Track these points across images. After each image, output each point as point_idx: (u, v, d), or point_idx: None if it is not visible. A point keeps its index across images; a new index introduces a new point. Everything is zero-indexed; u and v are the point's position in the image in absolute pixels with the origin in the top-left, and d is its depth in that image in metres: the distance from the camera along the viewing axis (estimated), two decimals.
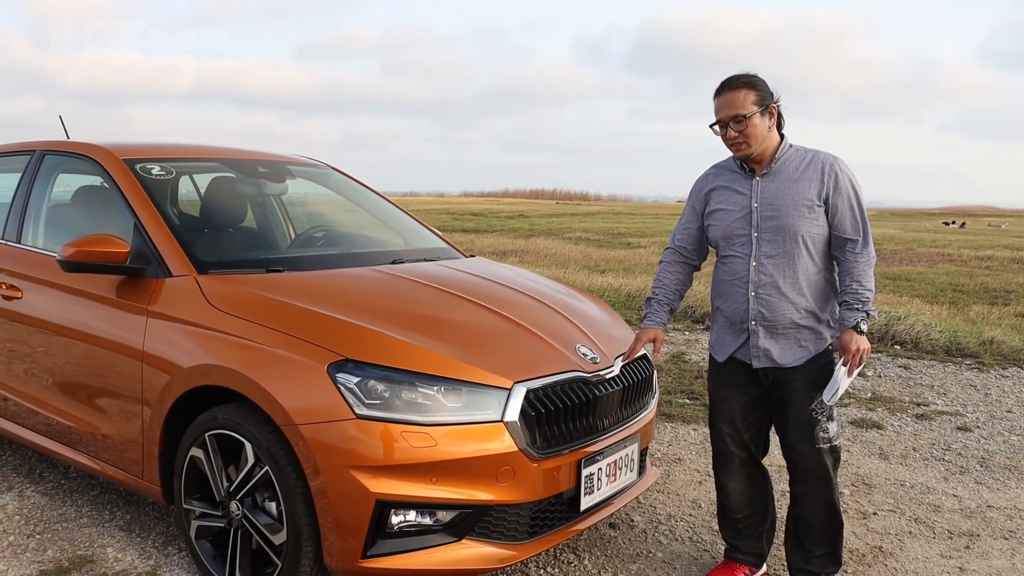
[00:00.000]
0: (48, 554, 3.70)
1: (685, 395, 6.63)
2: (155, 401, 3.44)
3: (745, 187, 3.37)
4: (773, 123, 3.30)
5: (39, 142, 4.64)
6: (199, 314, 3.39)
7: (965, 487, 4.85)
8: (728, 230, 3.40)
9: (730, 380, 3.50)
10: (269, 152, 5.05)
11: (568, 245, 21.87)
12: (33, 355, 4.08)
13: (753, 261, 3.34)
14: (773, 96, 3.30)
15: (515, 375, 3.15)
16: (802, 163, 3.31)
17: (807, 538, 3.47)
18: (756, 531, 3.63)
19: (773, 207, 3.30)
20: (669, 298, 3.63)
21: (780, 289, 3.30)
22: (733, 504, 3.61)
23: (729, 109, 3.26)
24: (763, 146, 3.30)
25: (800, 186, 3.27)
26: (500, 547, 3.11)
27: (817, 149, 3.35)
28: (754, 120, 3.24)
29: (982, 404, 6.65)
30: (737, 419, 3.50)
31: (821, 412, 3.31)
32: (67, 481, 4.57)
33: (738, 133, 3.26)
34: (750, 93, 3.24)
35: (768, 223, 3.30)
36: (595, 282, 12.31)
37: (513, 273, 4.46)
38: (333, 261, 4.09)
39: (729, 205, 3.41)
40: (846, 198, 3.26)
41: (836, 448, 3.38)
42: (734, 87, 3.26)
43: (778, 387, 3.38)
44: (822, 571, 3.48)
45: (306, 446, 2.95)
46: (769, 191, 3.31)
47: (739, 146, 3.30)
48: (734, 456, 3.55)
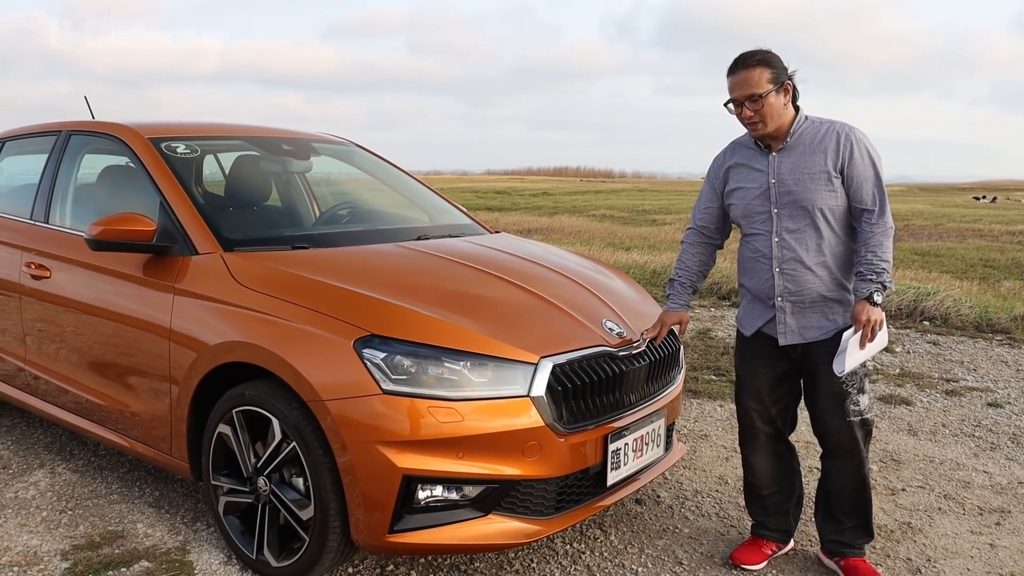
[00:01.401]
0: (80, 529, 3.75)
1: (711, 371, 6.61)
2: (183, 378, 3.46)
3: (762, 164, 3.35)
4: (788, 99, 3.26)
5: (65, 122, 4.66)
6: (225, 291, 3.40)
7: (996, 463, 4.80)
8: (748, 208, 3.39)
9: (758, 355, 3.48)
10: (293, 130, 5.05)
11: (592, 222, 21.80)
12: (62, 334, 4.11)
13: (775, 237, 3.32)
14: (787, 71, 3.26)
15: (541, 350, 3.14)
16: (817, 135, 3.27)
17: (839, 510, 3.46)
18: (783, 508, 3.61)
19: (791, 182, 3.27)
20: (691, 279, 3.63)
21: (804, 263, 3.28)
22: (759, 481, 3.59)
23: (744, 88, 3.22)
24: (779, 123, 3.26)
25: (816, 158, 3.24)
26: (526, 522, 3.11)
27: (832, 119, 3.31)
28: (769, 99, 3.20)
29: (1013, 380, 6.58)
30: (764, 394, 3.48)
31: (851, 385, 3.29)
32: (97, 458, 4.61)
33: (754, 112, 3.23)
34: (765, 71, 3.20)
35: (787, 198, 3.28)
36: (620, 259, 12.27)
37: (539, 249, 4.44)
38: (358, 238, 4.10)
39: (748, 183, 3.39)
40: (862, 167, 3.22)
41: (867, 421, 3.36)
42: (748, 65, 3.22)
43: (807, 361, 3.35)
44: (855, 542, 3.47)
45: (333, 422, 2.96)
46: (786, 166, 3.29)
47: (755, 125, 3.27)
48: (760, 432, 3.53)
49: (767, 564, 3.57)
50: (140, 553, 3.53)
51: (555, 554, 3.61)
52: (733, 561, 3.56)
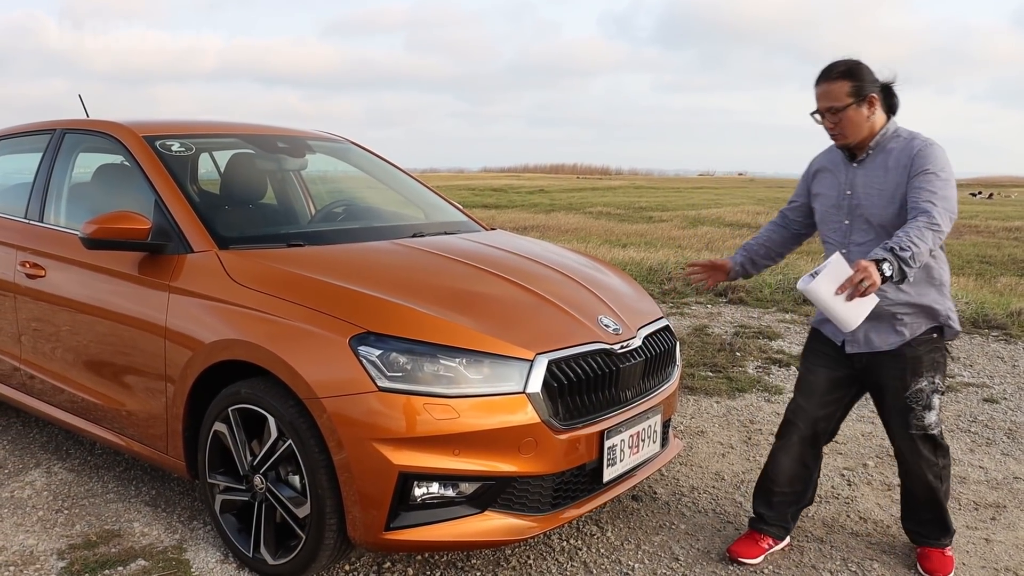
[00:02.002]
0: (76, 529, 3.74)
1: (708, 368, 6.61)
2: (178, 377, 3.45)
3: (843, 173, 3.39)
4: (873, 112, 3.25)
5: (59, 121, 4.65)
6: (221, 289, 3.40)
7: (992, 459, 4.81)
8: (824, 216, 3.46)
9: (821, 353, 3.53)
10: (288, 127, 5.05)
11: (589, 220, 21.81)
12: (58, 333, 4.11)
13: (843, 249, 3.34)
14: (875, 83, 3.25)
15: (537, 347, 3.14)
16: (896, 151, 3.25)
17: (913, 504, 3.55)
18: (786, 508, 3.64)
19: (861, 195, 3.30)
20: (752, 249, 3.81)
21: None
22: (775, 476, 3.62)
23: (824, 100, 3.26)
24: (861, 135, 3.28)
25: (889, 175, 3.24)
26: (523, 519, 3.11)
27: (917, 134, 3.27)
28: (848, 112, 3.22)
29: (1009, 376, 6.59)
30: (818, 393, 3.52)
31: (917, 401, 3.30)
32: (93, 457, 4.61)
33: (833, 124, 3.27)
34: (845, 84, 3.21)
35: (857, 211, 3.32)
36: (617, 256, 12.27)
37: (534, 245, 4.44)
38: (353, 235, 4.09)
39: (827, 190, 3.45)
40: (924, 179, 3.14)
41: (933, 436, 3.37)
42: (831, 78, 3.24)
43: (871, 372, 3.38)
44: (931, 535, 3.53)
45: (329, 419, 2.96)
46: (860, 179, 3.32)
47: (835, 137, 3.32)
48: (796, 430, 3.57)
49: (764, 559, 3.57)
50: (137, 552, 3.53)
51: (552, 550, 3.62)
52: (730, 555, 3.57)
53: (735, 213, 24.41)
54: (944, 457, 3.45)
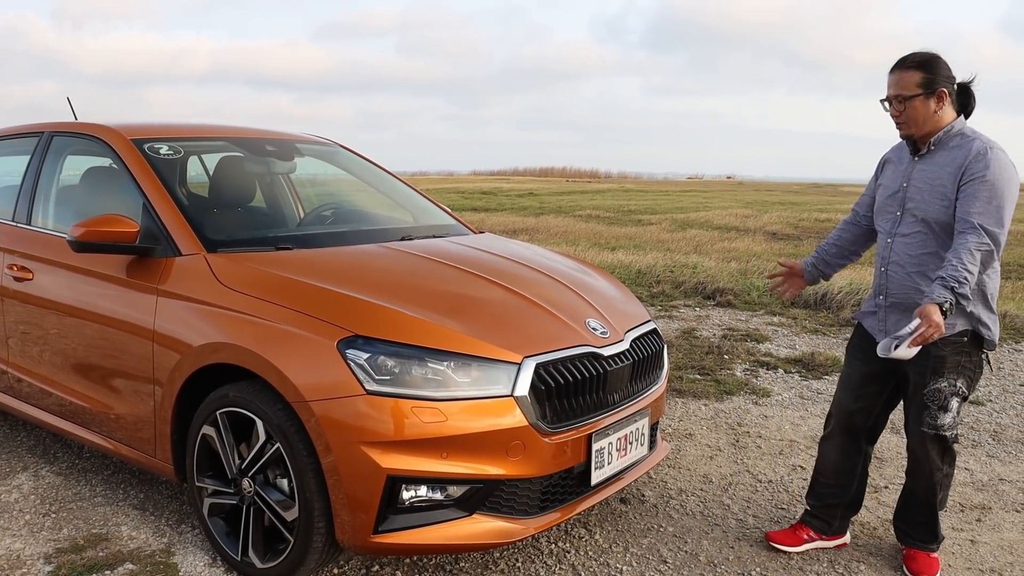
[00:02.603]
0: (64, 532, 3.73)
1: (696, 371, 6.63)
2: (166, 380, 3.45)
3: (905, 166, 3.43)
4: (941, 107, 3.26)
5: (47, 124, 4.64)
6: (209, 292, 3.40)
7: (977, 460, 4.84)
8: (881, 205, 3.51)
9: (860, 347, 3.61)
10: (277, 130, 5.05)
11: (578, 223, 21.81)
12: (46, 336, 4.10)
13: (888, 238, 3.41)
14: (949, 80, 3.27)
15: (525, 350, 3.15)
16: (957, 149, 3.27)
17: (909, 502, 3.58)
18: (831, 501, 3.70)
19: (916, 189, 3.34)
20: (824, 249, 3.83)
21: (905, 269, 3.35)
22: (821, 468, 3.73)
23: (893, 88, 3.30)
24: (926, 128, 3.31)
25: (945, 172, 3.26)
26: (511, 522, 3.12)
27: (980, 136, 3.27)
28: (914, 103, 3.26)
29: (995, 378, 6.63)
30: (852, 386, 3.60)
31: (934, 401, 3.32)
32: (81, 461, 4.60)
33: (898, 113, 3.31)
34: (916, 75, 3.24)
35: (910, 204, 3.36)
36: (605, 259, 12.29)
37: (522, 248, 4.45)
38: (342, 238, 4.09)
39: (888, 181, 3.50)
40: (980, 185, 3.15)
41: (944, 438, 3.39)
42: (904, 67, 3.28)
43: (901, 365, 3.40)
44: (919, 539, 3.57)
45: (317, 423, 2.96)
46: (918, 174, 3.35)
47: (899, 125, 3.36)
48: (835, 422, 3.66)
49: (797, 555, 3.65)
50: (124, 555, 3.52)
51: (540, 553, 3.62)
52: (768, 540, 3.68)
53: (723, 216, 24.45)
54: (950, 465, 3.48)
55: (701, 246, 15.97)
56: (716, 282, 10.08)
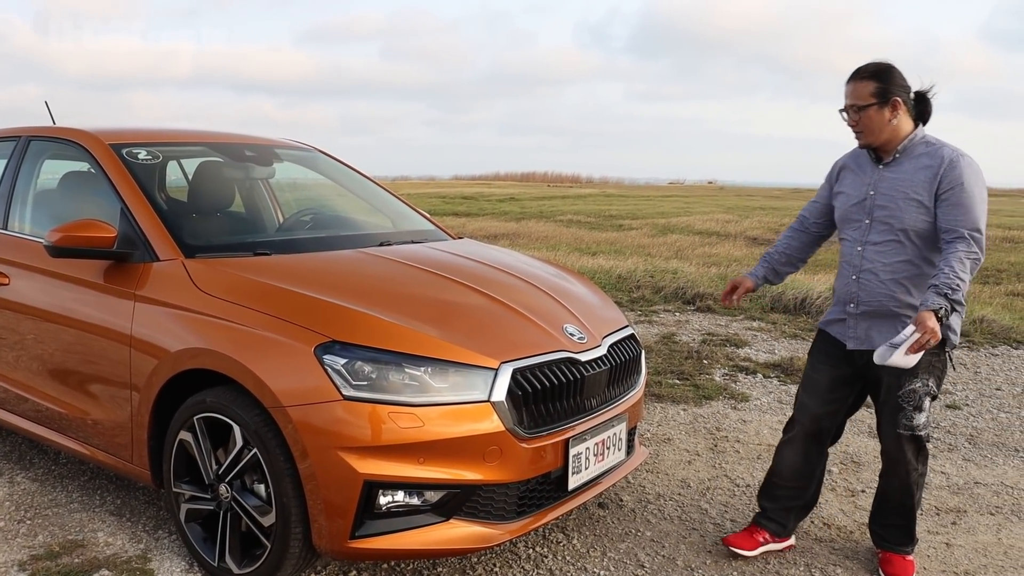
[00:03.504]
0: (39, 539, 3.71)
1: (675, 375, 6.65)
2: (143, 385, 3.44)
3: (868, 174, 3.45)
4: (896, 116, 3.31)
5: (24, 128, 4.62)
6: (186, 298, 3.39)
7: (953, 464, 4.88)
8: (845, 214, 3.52)
9: (825, 353, 3.62)
10: (256, 136, 5.04)
11: (559, 227, 21.85)
12: (22, 342, 4.08)
13: (859, 247, 3.43)
14: (904, 89, 3.32)
15: (502, 355, 3.16)
16: (923, 158, 3.32)
17: (885, 504, 3.61)
18: (788, 503, 3.72)
19: (886, 198, 3.36)
20: (773, 259, 3.83)
21: (879, 277, 3.38)
22: (779, 471, 3.73)
23: (849, 98, 3.35)
24: (884, 137, 3.35)
25: (916, 180, 3.30)
26: (488, 527, 3.13)
27: (946, 143, 3.34)
28: (869, 112, 3.30)
29: (971, 382, 6.68)
30: (821, 391, 3.61)
31: (908, 402, 3.36)
32: (57, 467, 4.57)
33: (855, 122, 3.35)
34: (870, 85, 3.29)
35: (879, 212, 3.38)
36: (586, 264, 12.31)
37: (500, 254, 4.46)
38: (320, 244, 4.09)
39: (850, 189, 3.51)
40: (958, 194, 3.21)
41: (919, 438, 3.44)
42: (859, 77, 3.33)
43: (870, 368, 3.43)
44: (894, 542, 3.59)
45: (294, 428, 2.96)
46: (886, 182, 3.38)
47: (856, 135, 3.40)
48: (799, 426, 3.67)
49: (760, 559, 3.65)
50: (100, 562, 3.51)
51: (518, 558, 3.63)
52: (725, 544, 3.67)
53: (704, 221, 24.53)
54: (924, 465, 3.51)
55: (682, 251, 16.03)
56: (696, 287, 10.12)
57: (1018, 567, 3.65)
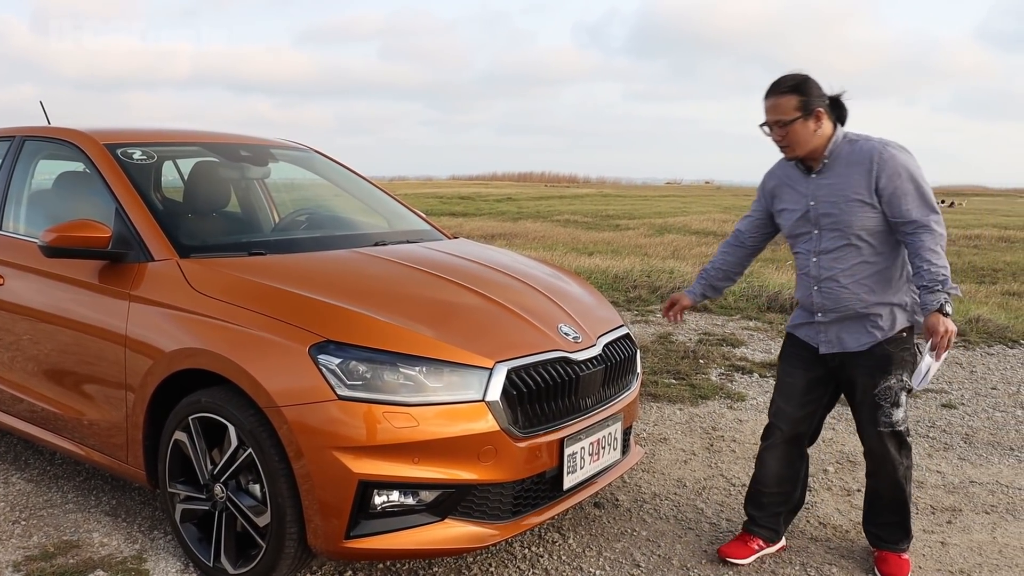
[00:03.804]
0: (33, 540, 3.71)
1: (671, 375, 6.66)
2: (138, 386, 3.44)
3: (803, 186, 3.45)
4: (820, 125, 3.31)
5: (19, 128, 4.61)
6: (181, 298, 3.39)
7: (948, 463, 4.88)
8: (792, 229, 3.51)
9: (798, 356, 3.61)
10: (252, 136, 5.04)
11: (556, 227, 21.86)
12: (17, 342, 4.07)
13: (813, 257, 3.43)
14: (822, 98, 3.32)
15: (497, 355, 3.16)
16: (852, 156, 3.32)
17: (876, 503, 3.60)
18: (776, 510, 3.71)
19: (828, 204, 3.36)
20: (710, 275, 3.85)
21: (840, 283, 3.38)
22: (763, 478, 3.71)
23: (772, 114, 3.33)
24: (810, 147, 3.35)
25: (851, 181, 3.30)
26: (483, 526, 3.13)
27: (870, 137, 3.35)
28: (795, 126, 3.29)
29: (967, 382, 6.69)
30: (797, 394, 3.59)
31: (885, 399, 3.37)
32: (52, 467, 4.57)
33: (781, 138, 3.34)
34: (793, 99, 3.28)
35: (825, 220, 3.37)
36: (582, 264, 12.32)
37: (495, 254, 4.46)
38: (315, 244, 4.09)
39: (791, 204, 3.50)
40: (897, 183, 3.24)
41: (899, 434, 3.44)
42: (779, 92, 3.31)
43: (844, 370, 3.45)
44: (891, 539, 3.59)
45: (289, 428, 2.96)
46: (823, 189, 3.37)
47: (783, 149, 3.39)
48: (779, 432, 3.65)
49: (755, 561, 3.64)
50: (95, 562, 3.50)
51: (513, 558, 3.63)
52: (720, 555, 3.64)
53: (701, 221, 24.56)
54: (908, 458, 3.52)
55: (679, 251, 16.04)
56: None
57: (1013, 566, 3.66)
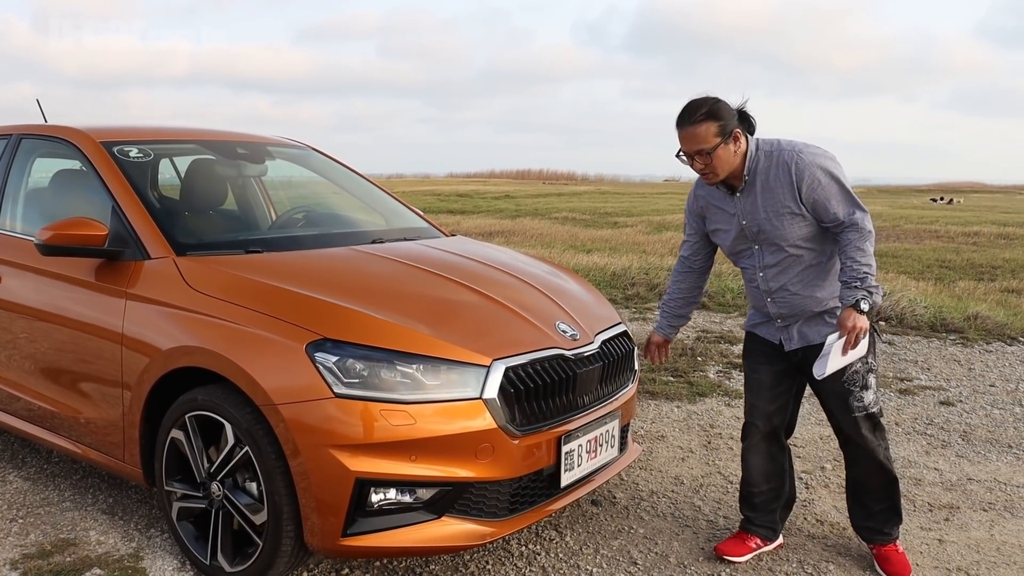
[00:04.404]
0: (30, 538, 3.70)
1: (669, 373, 6.65)
2: (135, 384, 3.43)
3: (730, 206, 3.43)
4: (738, 145, 3.28)
5: (16, 126, 4.61)
6: (178, 296, 3.38)
7: (947, 460, 4.88)
8: (732, 247, 3.50)
9: (760, 352, 3.61)
10: (248, 133, 5.03)
11: (554, 225, 21.85)
12: (14, 340, 4.07)
13: (760, 272, 3.43)
14: (735, 117, 3.28)
15: (494, 352, 3.15)
16: (768, 171, 3.30)
17: (864, 495, 3.59)
18: (770, 506, 3.70)
19: (757, 221, 3.35)
20: (671, 307, 3.83)
21: (791, 291, 3.39)
22: (751, 478, 3.70)
23: (692, 143, 3.24)
24: (731, 168, 3.31)
25: (776, 195, 3.29)
26: (480, 524, 3.12)
27: (779, 143, 3.32)
28: (718, 152, 3.23)
29: (965, 379, 6.69)
30: (765, 389, 3.59)
31: (853, 384, 3.39)
32: (49, 465, 4.56)
33: (704, 166, 3.27)
34: (711, 125, 3.20)
35: (761, 236, 3.37)
36: (581, 261, 12.31)
37: (493, 251, 4.46)
38: (312, 241, 4.09)
39: (723, 225, 3.49)
40: (819, 189, 3.24)
41: (873, 415, 3.45)
42: (695, 121, 3.21)
43: (807, 363, 3.44)
44: (883, 526, 3.58)
45: (286, 426, 2.96)
46: (749, 206, 3.36)
47: (707, 176, 3.33)
48: (756, 429, 3.64)
49: (752, 558, 3.64)
50: (92, 560, 3.50)
51: (510, 555, 3.63)
52: (717, 553, 3.64)
53: None
54: (884, 439, 3.52)
55: (676, 248, 16.00)
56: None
57: (1011, 563, 3.66)
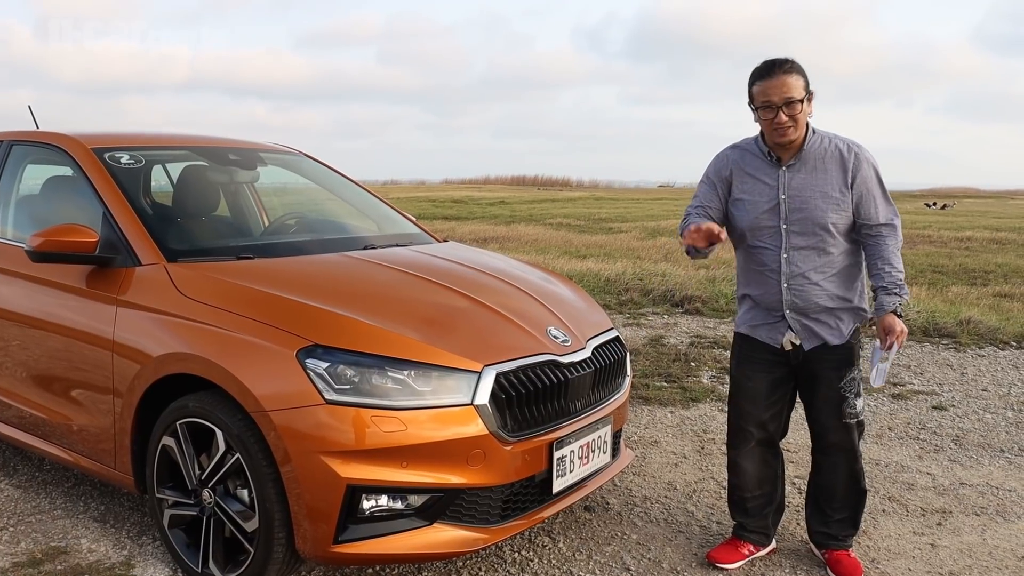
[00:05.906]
0: (21, 546, 3.69)
1: (662, 378, 6.65)
2: (126, 391, 3.43)
3: (772, 177, 3.38)
4: (811, 110, 3.32)
5: (7, 132, 4.60)
6: (169, 302, 3.38)
7: (939, 465, 4.88)
8: (756, 222, 3.41)
9: (756, 359, 3.55)
10: (241, 139, 5.02)
11: (549, 231, 21.85)
12: (4, 348, 4.05)
13: (784, 253, 3.38)
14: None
15: (485, 358, 3.15)
16: (825, 152, 3.31)
17: (828, 504, 3.58)
18: (763, 512, 3.69)
19: (801, 199, 3.32)
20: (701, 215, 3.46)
21: (810, 279, 3.36)
22: (743, 484, 3.67)
23: (783, 91, 3.21)
24: (802, 132, 3.31)
25: (827, 177, 3.30)
26: (472, 531, 3.12)
27: (836, 134, 3.36)
28: (803, 106, 3.25)
29: (958, 383, 6.70)
30: (761, 397, 3.56)
31: (850, 390, 3.42)
32: (41, 473, 4.55)
33: (789, 117, 3.23)
34: (800, 78, 3.24)
35: (797, 215, 3.33)
36: (575, 267, 12.31)
37: (485, 257, 4.46)
38: (304, 247, 4.07)
39: (756, 195, 3.40)
40: (871, 185, 3.29)
41: (861, 423, 3.49)
42: (787, 71, 3.23)
43: (807, 366, 3.44)
44: (839, 534, 3.58)
45: (277, 433, 2.95)
46: (797, 182, 3.33)
47: (787, 131, 3.26)
48: (750, 436, 3.61)
49: (745, 564, 3.63)
50: (83, 569, 3.49)
51: (503, 562, 3.62)
52: (709, 560, 3.62)
53: None
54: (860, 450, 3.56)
55: (671, 254, 16.03)
56: (685, 290, 10.12)
57: (1003, 568, 3.66)
